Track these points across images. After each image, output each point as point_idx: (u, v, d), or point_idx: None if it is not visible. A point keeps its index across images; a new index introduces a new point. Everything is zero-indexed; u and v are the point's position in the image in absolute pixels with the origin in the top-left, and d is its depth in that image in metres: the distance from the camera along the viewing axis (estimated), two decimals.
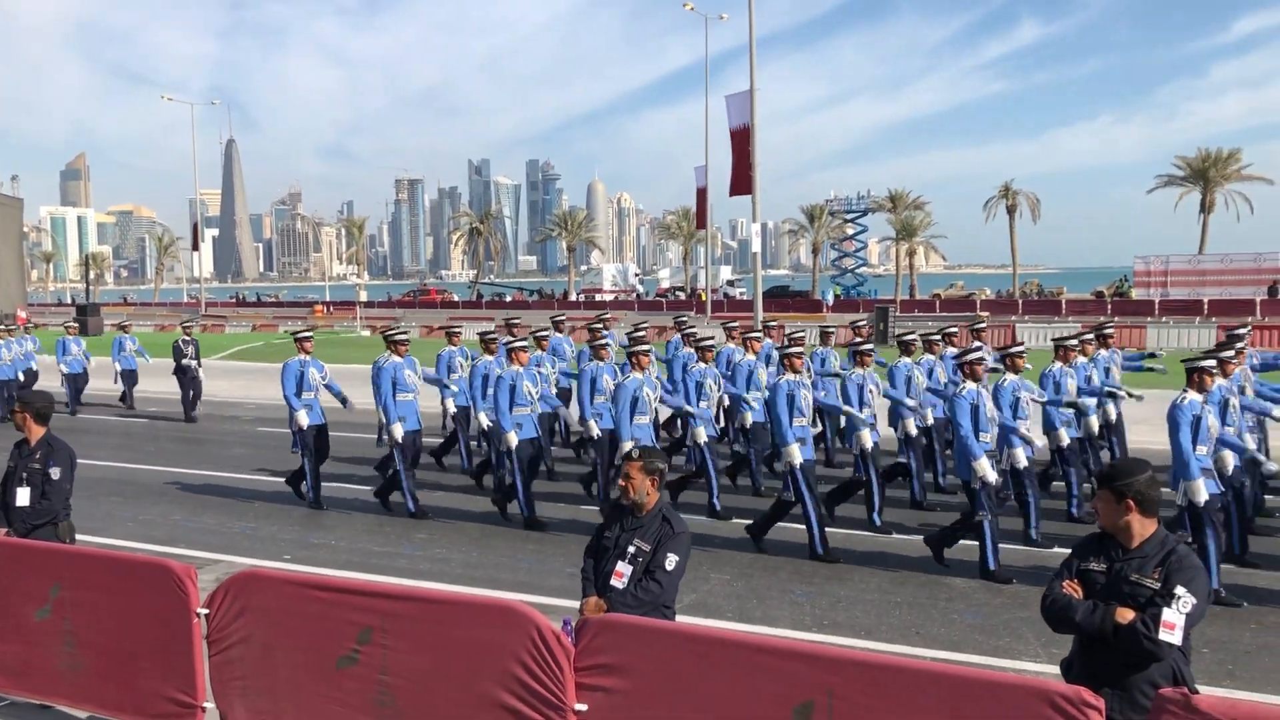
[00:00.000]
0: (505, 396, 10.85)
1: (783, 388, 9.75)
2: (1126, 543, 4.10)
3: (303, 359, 12.23)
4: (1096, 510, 4.23)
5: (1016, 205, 75.69)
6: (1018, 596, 8.34)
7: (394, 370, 11.60)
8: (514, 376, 10.97)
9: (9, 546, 6.19)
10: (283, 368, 12.24)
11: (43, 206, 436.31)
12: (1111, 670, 3.97)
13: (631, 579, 5.06)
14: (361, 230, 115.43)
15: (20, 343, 20.73)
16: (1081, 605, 4.06)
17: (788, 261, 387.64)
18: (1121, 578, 4.03)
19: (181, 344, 20.01)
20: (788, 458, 9.58)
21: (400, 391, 11.59)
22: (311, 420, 11.93)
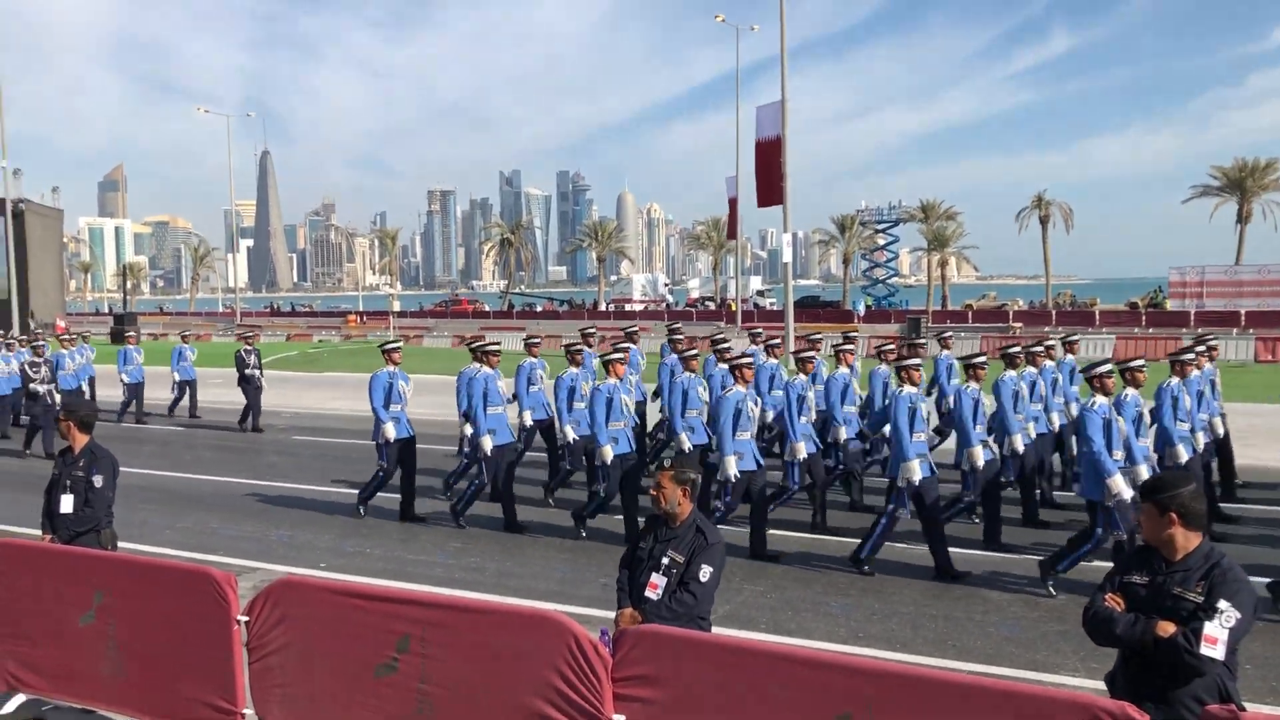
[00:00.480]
0: (602, 410, 10.57)
1: (904, 400, 9.39)
2: (1170, 556, 4.07)
3: (391, 370, 11.94)
4: (1140, 523, 4.20)
5: (1049, 215, 75.19)
6: (1055, 610, 8.27)
7: (485, 382, 11.38)
8: (611, 390, 10.72)
9: (54, 553, 6.28)
10: (371, 379, 11.97)
11: (81, 217, 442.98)
12: (1155, 685, 3.94)
13: (666, 590, 5.07)
14: (394, 241, 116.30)
15: (81, 352, 20.70)
16: (1123, 618, 4.03)
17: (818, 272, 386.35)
18: (1164, 591, 4.00)
19: (244, 354, 19.90)
20: (907, 474, 9.16)
21: (491, 404, 11.33)
22: (399, 433, 11.69)
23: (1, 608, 6.13)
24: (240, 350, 20.02)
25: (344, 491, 13.54)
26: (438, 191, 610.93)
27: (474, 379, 11.49)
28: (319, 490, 13.68)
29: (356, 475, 14.64)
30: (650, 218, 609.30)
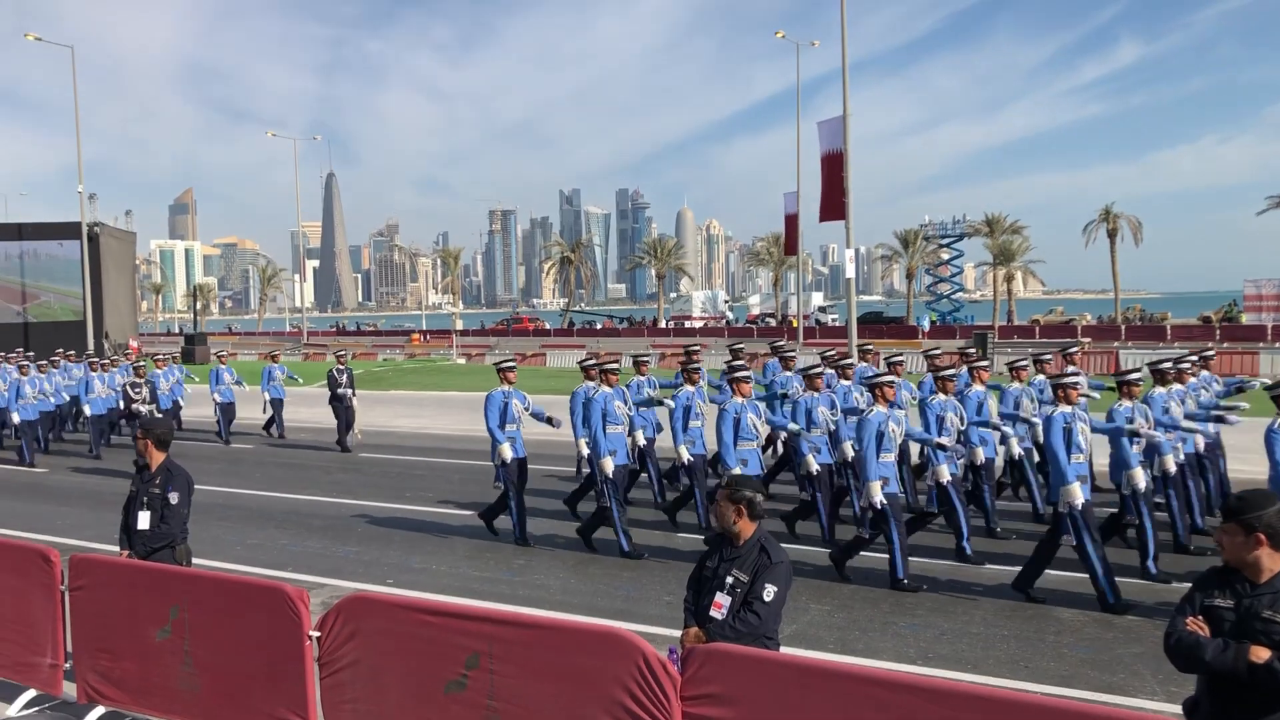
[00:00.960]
0: (730, 431, 10.19)
1: (1058, 420, 8.91)
2: (1254, 578, 3.94)
3: (505, 389, 11.65)
4: (1220, 544, 4.08)
5: (1118, 229, 73.96)
6: (1131, 630, 8.08)
7: (605, 401, 11.11)
8: (739, 409, 10.28)
9: (132, 569, 6.42)
10: (485, 399, 11.71)
11: (153, 240, 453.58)
12: (1244, 712, 3.81)
13: (730, 610, 5.03)
14: (456, 260, 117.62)
15: (173, 372, 21.03)
16: (1211, 644, 3.90)
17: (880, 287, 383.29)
18: (1252, 614, 3.87)
19: (336, 373, 19.89)
20: (1069, 498, 8.70)
21: (610, 424, 11.07)
22: (515, 454, 11.49)
23: (84, 622, 6.28)
24: (333, 369, 20.01)
25: (409, 508, 13.69)
26: (499, 211, 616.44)
27: (593, 399, 11.22)
28: (385, 507, 13.83)
29: (421, 492, 14.82)
30: (709, 234, 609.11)
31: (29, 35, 44.85)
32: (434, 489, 15.13)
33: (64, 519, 13.53)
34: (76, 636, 6.38)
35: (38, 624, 6.54)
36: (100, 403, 19.66)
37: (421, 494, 14.72)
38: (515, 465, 11.49)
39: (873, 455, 9.38)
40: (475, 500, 14.06)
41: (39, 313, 49.83)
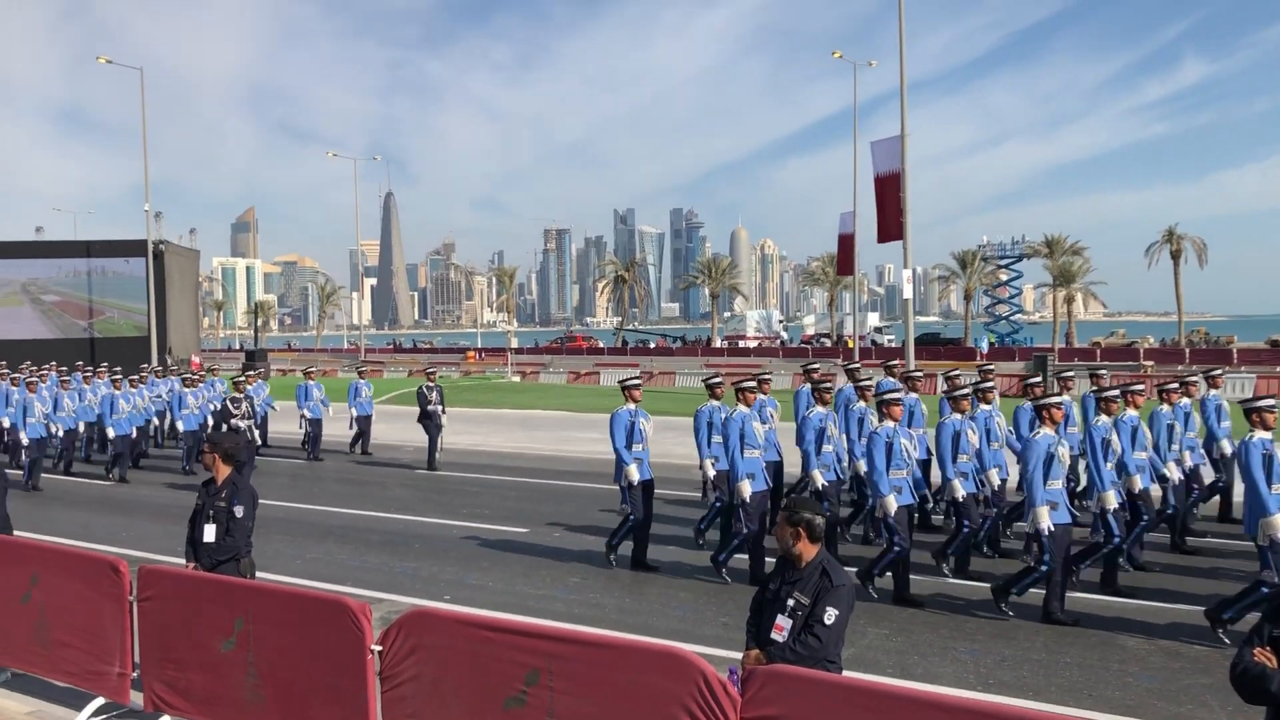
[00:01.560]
0: (882, 456, 9.71)
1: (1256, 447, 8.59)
2: None
3: (631, 408, 11.18)
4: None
5: (1181, 250, 72.65)
6: (1199, 660, 7.90)
7: (742, 421, 10.64)
8: (891, 434, 9.79)
9: (198, 580, 6.54)
10: (611, 418, 11.23)
11: (215, 258, 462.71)
12: None
13: (791, 633, 5.00)
14: (511, 279, 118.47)
15: (258, 390, 20.93)
16: (1277, 675, 3.83)
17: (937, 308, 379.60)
18: None
19: (425, 390, 19.69)
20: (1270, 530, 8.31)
21: (748, 446, 10.56)
22: (642, 475, 11.02)
23: (152, 632, 6.40)
24: (422, 387, 19.82)
25: (465, 525, 13.79)
26: (553, 230, 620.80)
27: (729, 419, 10.79)
28: (442, 523, 13.95)
29: (477, 509, 14.91)
30: (764, 254, 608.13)
31: (100, 58, 46.05)
32: (490, 506, 15.23)
33: (130, 531, 13.81)
34: (144, 646, 6.50)
35: (107, 633, 6.67)
36: (192, 419, 19.73)
37: (477, 510, 14.83)
38: (641, 488, 11.01)
39: (1040, 479, 8.90)
40: (530, 517, 14.15)
41: (104, 328, 50.99)
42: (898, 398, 10.33)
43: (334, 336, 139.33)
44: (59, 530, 13.36)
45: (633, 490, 10.96)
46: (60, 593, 7.00)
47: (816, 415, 11.22)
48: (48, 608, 7.05)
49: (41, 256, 51.03)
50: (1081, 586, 10.05)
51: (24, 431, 17.91)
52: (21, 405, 18.13)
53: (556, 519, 14.12)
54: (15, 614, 7.27)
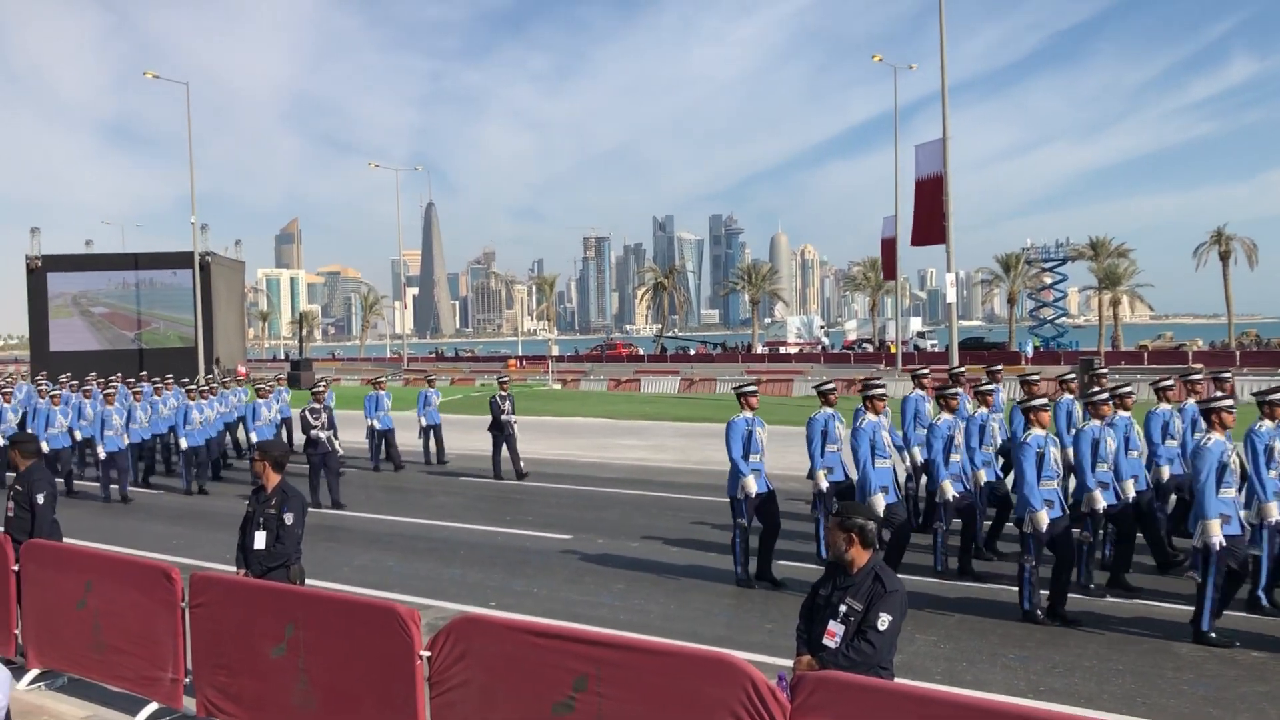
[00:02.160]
0: (1033, 468, 9.08)
1: None
2: None
3: (748, 416, 10.64)
4: None
5: (1230, 251, 71.53)
6: (1255, 668, 7.77)
7: (873, 431, 10.18)
8: (1041, 443, 9.22)
9: (249, 587, 6.62)
10: (728, 426, 10.67)
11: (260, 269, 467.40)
12: None
13: (844, 639, 4.98)
14: (551, 287, 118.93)
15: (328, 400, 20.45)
16: None
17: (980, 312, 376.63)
18: None
19: (499, 399, 19.00)
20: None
21: (879, 456, 10.06)
22: (759, 487, 10.45)
23: (206, 639, 6.49)
24: (495, 396, 19.14)
25: (510, 532, 13.84)
26: (593, 238, 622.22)
27: (859, 428, 10.17)
28: (486, 530, 14.02)
29: (521, 515, 14.97)
30: (804, 259, 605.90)
31: (148, 73, 46.90)
32: (534, 513, 15.28)
33: (180, 539, 13.99)
34: (196, 652, 6.59)
35: (160, 640, 6.77)
36: (264, 430, 19.45)
37: (521, 518, 14.88)
38: (758, 500, 10.48)
39: (1212, 489, 8.47)
40: (574, 524, 14.18)
41: (151, 339, 51.82)
42: (1045, 403, 9.67)
43: (377, 346, 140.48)
44: (110, 538, 13.57)
45: (748, 502, 10.43)
46: (114, 599, 7.12)
47: (945, 423, 10.74)
48: (102, 614, 7.18)
49: (91, 269, 51.95)
50: (1135, 594, 9.92)
51: (102, 445, 17.66)
52: (99, 418, 17.92)
53: (599, 526, 14.14)
54: (71, 620, 7.40)
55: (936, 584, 10.41)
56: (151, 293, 52.48)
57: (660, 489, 17.27)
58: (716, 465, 19.83)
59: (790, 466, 19.69)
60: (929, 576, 10.63)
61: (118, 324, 52.19)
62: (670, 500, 16.15)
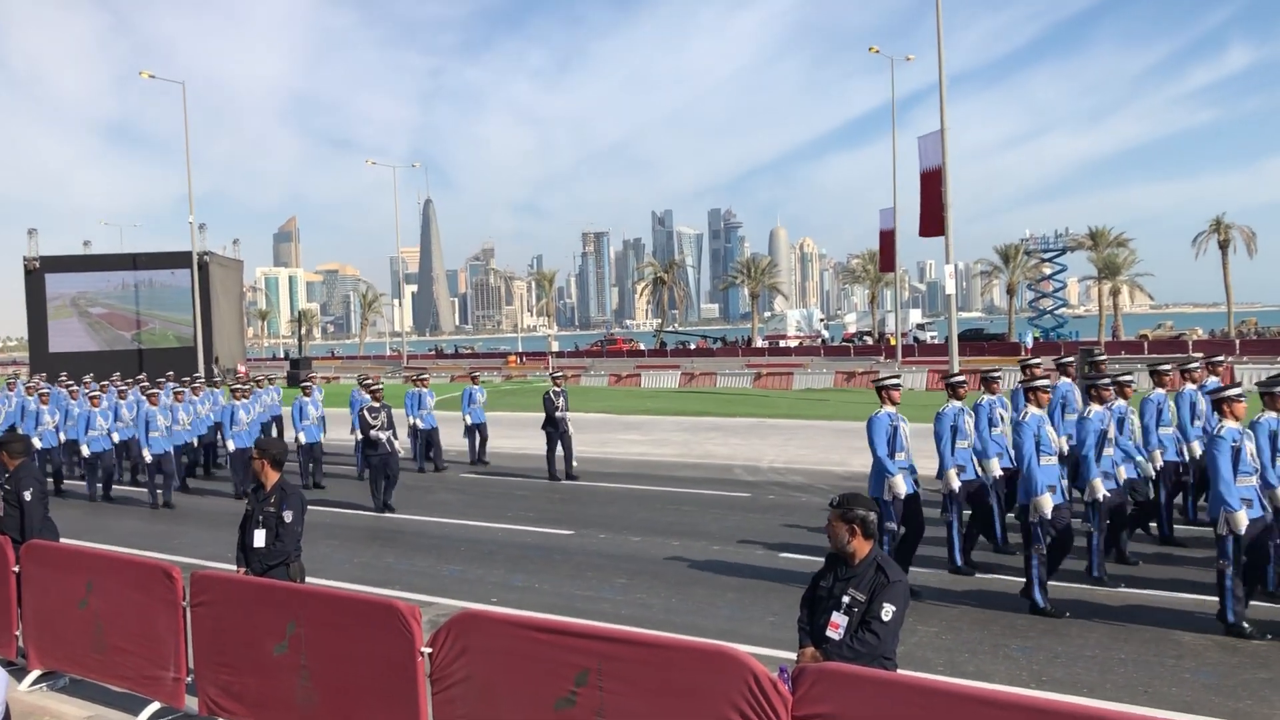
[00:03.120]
0: (1228, 463, 8.33)
1: None
2: None
3: (891, 411, 10.03)
4: None
5: (1229, 240, 71.47)
6: (1257, 655, 7.75)
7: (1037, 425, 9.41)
8: (1235, 437, 8.44)
9: (250, 585, 6.61)
10: (870, 423, 10.03)
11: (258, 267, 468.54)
12: None
13: (848, 630, 4.97)
14: (551, 283, 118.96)
15: None
16: None
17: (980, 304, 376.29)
18: None
19: (553, 395, 18.13)
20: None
21: (1044, 453, 9.33)
22: (909, 488, 9.81)
23: (207, 637, 6.48)
24: (549, 392, 18.30)
25: (511, 528, 13.84)
26: (591, 234, 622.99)
27: (1023, 423, 9.42)
28: (488, 527, 14.00)
29: (523, 511, 14.96)
30: (803, 252, 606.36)
31: (144, 73, 46.83)
32: (535, 509, 15.28)
33: (181, 538, 13.99)
34: (198, 651, 6.58)
35: (161, 639, 6.76)
36: (312, 430, 18.37)
37: (523, 514, 14.87)
38: (904, 502, 9.79)
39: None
40: (575, 519, 14.18)
41: (149, 339, 51.82)
42: (1239, 394, 8.89)
43: (376, 344, 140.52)
44: (111, 538, 13.57)
45: (895, 504, 9.74)
46: (115, 599, 7.11)
47: (1098, 415, 9.97)
48: (103, 614, 7.17)
49: (90, 270, 51.94)
50: (1137, 583, 9.91)
51: (147, 448, 16.84)
52: (143, 419, 17.10)
53: (601, 521, 14.14)
54: (72, 620, 7.39)
55: (938, 575, 10.41)
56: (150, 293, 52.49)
57: (662, 483, 17.26)
58: (718, 460, 19.88)
59: (794, 460, 19.69)
60: (929, 567, 10.62)
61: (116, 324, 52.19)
62: (672, 495, 16.15)
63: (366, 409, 16.24)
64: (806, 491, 15.99)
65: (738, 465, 19.19)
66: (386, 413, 16.10)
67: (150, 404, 17.33)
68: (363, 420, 16.19)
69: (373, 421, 15.93)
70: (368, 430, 15.91)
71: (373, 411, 16.08)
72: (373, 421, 15.93)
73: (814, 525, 12.15)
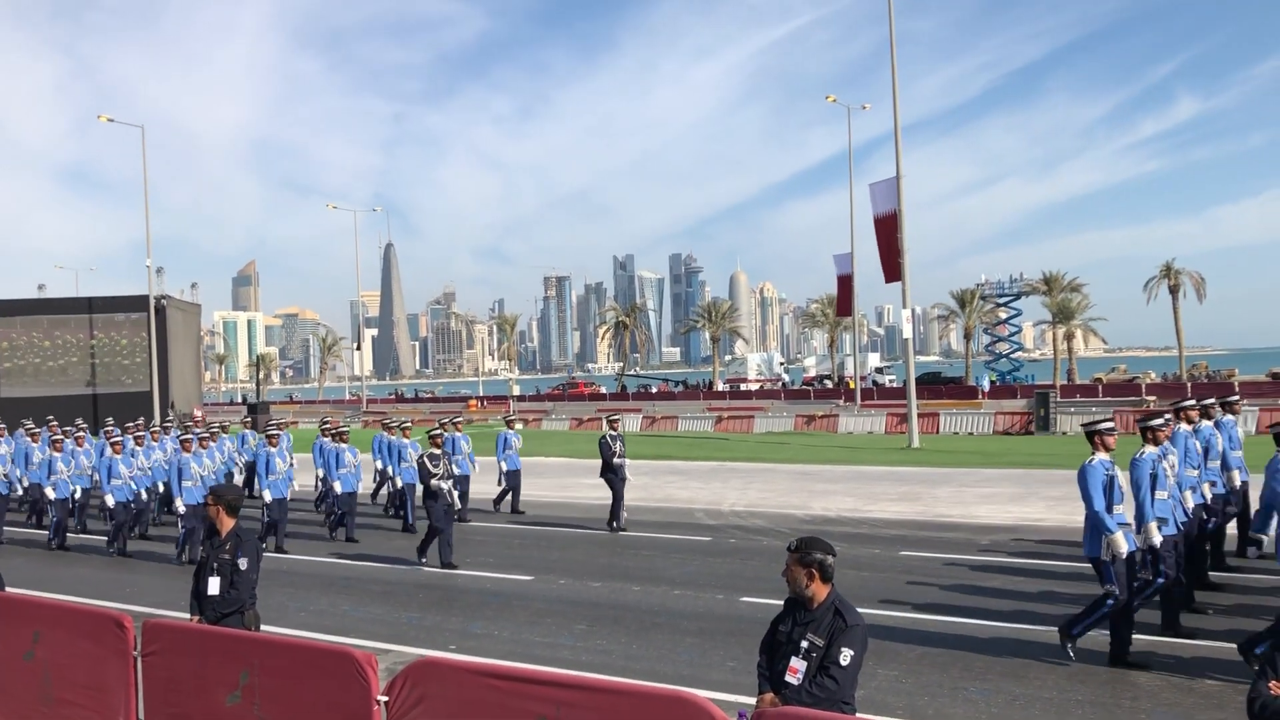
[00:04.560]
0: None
1: None
2: None
3: (1105, 459, 8.86)
4: None
5: (1179, 285, 73.00)
6: (1212, 695, 7.83)
7: (1152, 462, 9.21)
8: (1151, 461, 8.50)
9: (203, 634, 6.50)
10: (1083, 472, 8.80)
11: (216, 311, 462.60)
12: None
13: (806, 675, 4.98)
14: (512, 327, 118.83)
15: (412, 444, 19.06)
16: None
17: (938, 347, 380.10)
18: None
19: (609, 440, 16.92)
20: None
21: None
22: (1129, 545, 8.69)
23: (159, 687, 6.35)
24: (605, 436, 17.07)
25: (469, 574, 13.72)
26: (553, 277, 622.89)
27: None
28: (444, 573, 13.87)
29: (481, 557, 14.84)
30: (763, 297, 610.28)
31: (102, 117, 46.60)
32: (493, 554, 15.16)
33: (132, 586, 13.73)
34: (149, 701, 6.44)
35: (111, 689, 6.61)
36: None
37: (481, 559, 14.75)
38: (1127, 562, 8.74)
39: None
40: (535, 565, 14.08)
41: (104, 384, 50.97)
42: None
43: (336, 388, 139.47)
44: (60, 587, 13.28)
45: (1116, 565, 8.61)
46: (64, 649, 6.95)
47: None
48: (51, 665, 7.00)
49: (44, 313, 51.20)
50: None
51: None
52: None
53: (561, 566, 14.06)
54: (18, 672, 7.21)
55: (897, 617, 10.44)
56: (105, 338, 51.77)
57: None
58: (679, 503, 19.87)
59: (754, 504, 19.74)
60: (887, 609, 10.66)
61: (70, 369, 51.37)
62: (632, 539, 16.10)
63: (427, 456, 14.61)
64: (767, 535, 16.00)
65: (699, 509, 19.17)
66: (447, 460, 14.75)
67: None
68: (422, 469, 14.50)
69: (434, 470, 14.30)
70: (428, 480, 14.23)
71: (433, 459, 14.48)
72: (434, 470, 14.30)
73: (775, 569, 12.13)
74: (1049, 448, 29.96)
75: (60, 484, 17.64)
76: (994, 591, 11.60)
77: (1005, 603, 10.98)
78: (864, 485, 21.38)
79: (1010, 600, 11.10)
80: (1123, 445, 10.04)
